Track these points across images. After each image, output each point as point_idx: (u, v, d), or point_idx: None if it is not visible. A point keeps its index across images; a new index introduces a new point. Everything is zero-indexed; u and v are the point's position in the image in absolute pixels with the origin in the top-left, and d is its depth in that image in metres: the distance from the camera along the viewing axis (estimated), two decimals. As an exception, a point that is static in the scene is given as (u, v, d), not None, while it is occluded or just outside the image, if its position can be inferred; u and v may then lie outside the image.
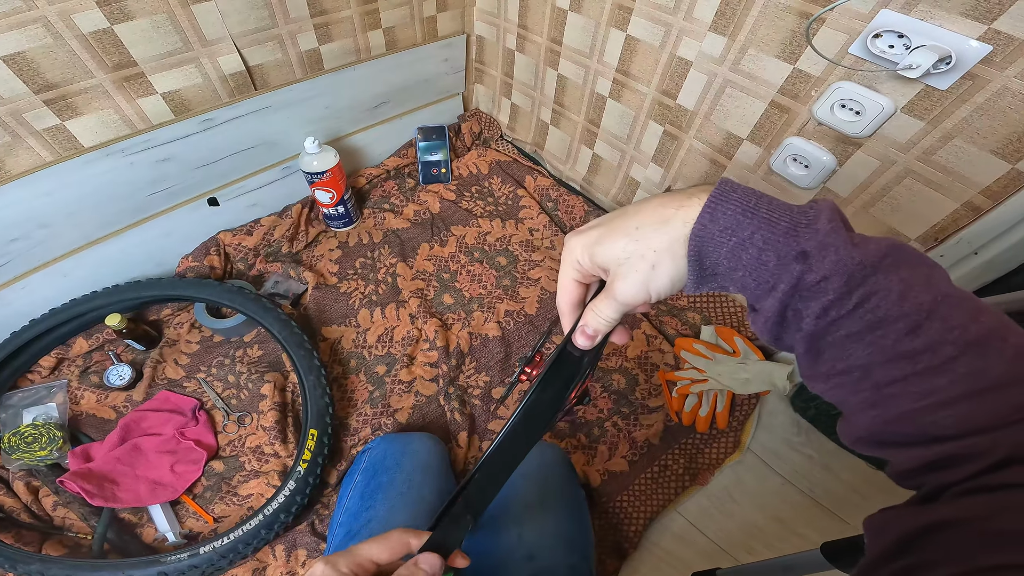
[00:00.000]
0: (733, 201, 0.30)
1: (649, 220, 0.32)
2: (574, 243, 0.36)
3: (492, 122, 1.49)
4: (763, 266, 0.29)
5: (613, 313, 0.35)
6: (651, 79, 1.01)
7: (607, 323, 0.36)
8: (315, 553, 0.85)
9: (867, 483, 1.00)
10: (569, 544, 0.71)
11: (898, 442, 0.30)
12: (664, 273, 0.32)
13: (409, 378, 1.06)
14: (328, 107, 1.19)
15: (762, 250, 0.29)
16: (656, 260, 0.32)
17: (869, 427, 0.30)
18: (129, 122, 0.94)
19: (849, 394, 0.31)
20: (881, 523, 0.30)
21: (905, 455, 0.30)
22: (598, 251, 0.34)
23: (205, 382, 1.03)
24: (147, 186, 1.03)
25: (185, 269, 1.13)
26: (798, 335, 0.30)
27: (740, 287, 0.31)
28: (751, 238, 0.29)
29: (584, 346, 0.37)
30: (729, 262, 0.30)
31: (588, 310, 0.36)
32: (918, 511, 0.28)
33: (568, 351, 0.38)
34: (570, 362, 0.38)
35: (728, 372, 1.03)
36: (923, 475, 0.29)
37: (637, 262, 0.32)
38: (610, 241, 0.34)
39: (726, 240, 0.30)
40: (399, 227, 1.30)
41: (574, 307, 0.39)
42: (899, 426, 0.29)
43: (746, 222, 0.29)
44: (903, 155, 0.74)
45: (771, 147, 0.89)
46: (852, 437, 0.32)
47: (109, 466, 0.89)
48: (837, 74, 0.74)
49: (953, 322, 0.27)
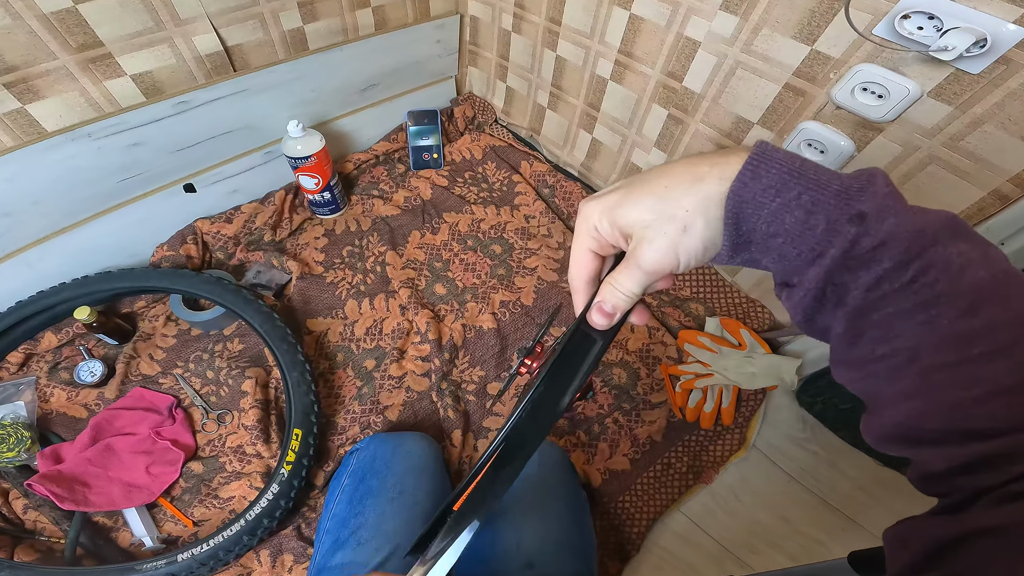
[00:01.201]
0: (777, 160, 0.27)
1: (679, 178, 0.29)
2: (591, 208, 0.32)
3: (486, 106, 1.44)
4: (809, 231, 0.26)
5: (635, 285, 0.31)
6: (656, 60, 0.97)
7: (627, 298, 0.32)
8: (302, 559, 0.81)
9: (874, 481, 0.97)
10: (571, 550, 0.68)
11: (932, 440, 0.26)
12: (696, 236, 0.29)
13: (400, 373, 1.01)
14: (314, 90, 1.13)
15: (810, 212, 0.26)
16: (688, 221, 0.28)
17: (903, 421, 0.27)
18: (96, 105, 0.89)
19: (885, 383, 0.27)
20: (905, 534, 0.27)
21: (937, 455, 0.26)
22: (620, 213, 0.31)
23: (182, 378, 0.97)
24: (117, 172, 0.97)
25: (160, 259, 1.07)
26: (839, 311, 0.27)
27: (777, 257, 0.28)
28: (798, 199, 0.26)
29: (601, 325, 0.33)
30: (769, 227, 0.27)
31: (605, 284, 0.32)
32: (949, 520, 0.25)
33: (582, 331, 0.33)
34: (584, 344, 0.33)
35: (734, 366, 0.98)
36: (953, 479, 0.26)
37: (665, 224, 0.29)
38: (634, 202, 0.30)
39: (768, 201, 0.26)
40: (389, 214, 1.24)
41: (589, 282, 0.35)
42: (937, 420, 0.26)
43: (792, 182, 0.26)
44: (928, 141, 0.71)
45: (784, 132, 0.85)
46: (878, 434, 0.29)
47: (80, 468, 0.84)
48: (859, 56, 0.70)
49: (1013, 303, 0.24)
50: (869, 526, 0.92)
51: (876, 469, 0.98)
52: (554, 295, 1.13)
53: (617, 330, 0.33)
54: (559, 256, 1.19)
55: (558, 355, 0.33)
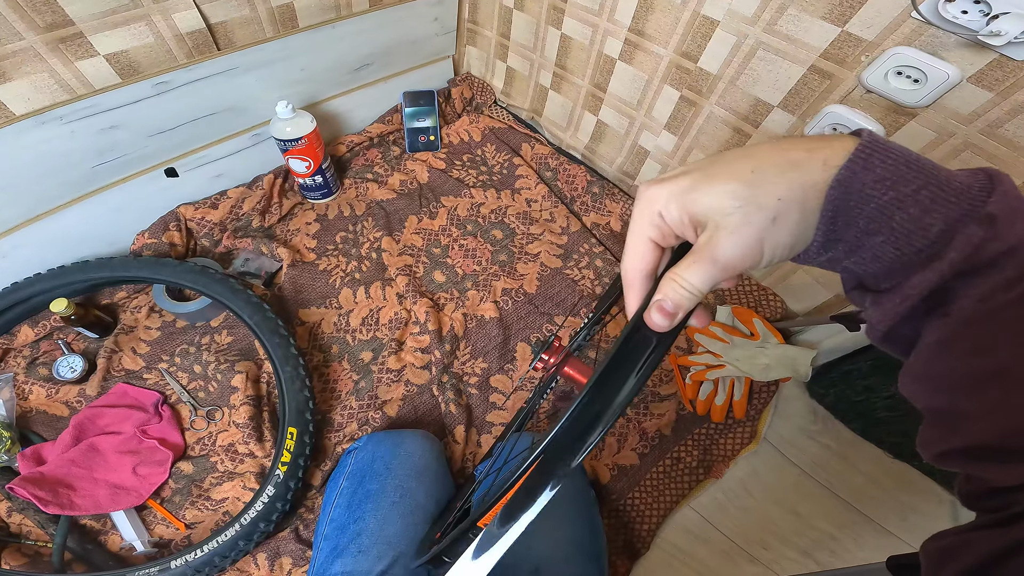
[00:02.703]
0: (893, 150, 0.24)
1: (770, 162, 0.25)
2: (656, 192, 0.28)
3: (485, 87, 1.37)
4: (922, 231, 0.24)
5: (704, 282, 0.27)
6: (669, 40, 0.91)
7: (693, 296, 0.27)
8: (301, 562, 0.78)
9: (886, 474, 0.94)
10: (581, 552, 0.66)
11: (1004, 457, 0.25)
12: (787, 228, 0.25)
13: (398, 366, 0.96)
14: (304, 69, 1.07)
15: (927, 211, 0.23)
16: (780, 211, 0.25)
17: (981, 438, 0.25)
18: (67, 87, 0.82)
19: (966, 398, 0.26)
20: (951, 548, 0.26)
21: (1008, 472, 0.24)
22: (695, 199, 0.27)
23: (168, 373, 0.92)
24: (92, 156, 0.91)
25: (141, 247, 1.01)
26: (938, 321, 0.26)
27: (871, 257, 0.26)
28: (915, 195, 0.23)
29: (661, 326, 0.28)
30: (871, 223, 0.24)
31: (667, 280, 0.28)
32: (1000, 533, 0.24)
33: (641, 334, 0.29)
34: (639, 348, 0.29)
35: (746, 357, 0.95)
36: (1017, 494, 0.24)
37: (753, 213, 0.25)
38: (714, 186, 0.26)
39: (879, 194, 0.24)
40: (384, 198, 1.19)
41: (648, 276, 0.31)
42: (1016, 437, 0.24)
43: (911, 175, 0.24)
44: (964, 127, 0.67)
45: (807, 115, 0.80)
46: (943, 450, 0.27)
47: (63, 469, 0.80)
48: (895, 39, 0.66)
49: None
50: (880, 520, 0.90)
51: (887, 462, 0.96)
52: (558, 283, 1.09)
53: (677, 334, 0.29)
54: (562, 241, 1.14)
55: (609, 360, 0.28)
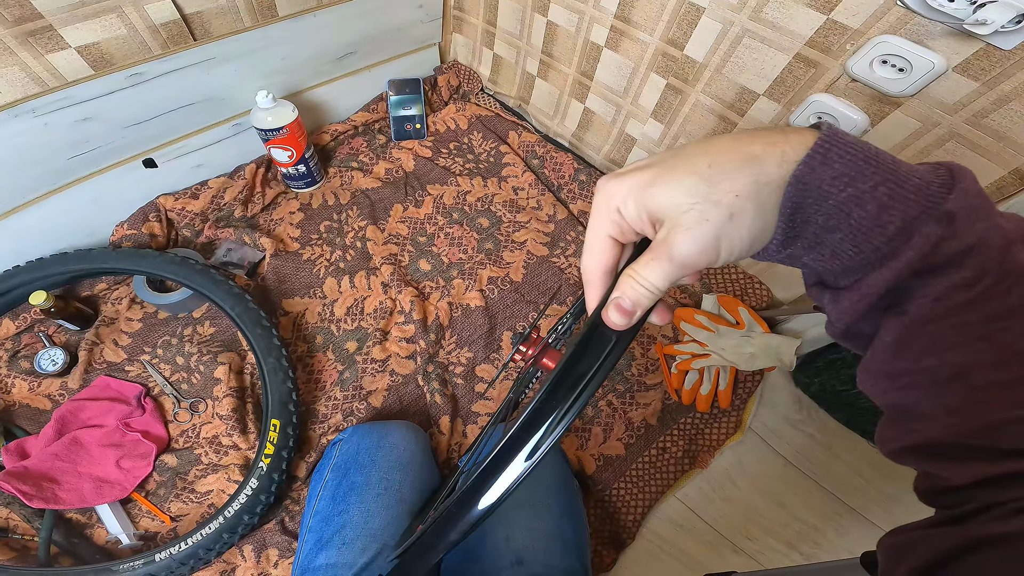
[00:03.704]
0: (851, 145, 0.23)
1: (727, 157, 0.25)
2: (614, 187, 0.28)
3: (472, 74, 1.35)
4: (879, 228, 0.23)
5: (662, 280, 0.26)
6: (655, 27, 0.90)
7: (651, 294, 0.27)
8: (287, 553, 0.78)
9: (868, 464, 0.96)
10: (564, 544, 0.66)
11: (961, 456, 0.25)
12: (744, 225, 0.25)
13: (383, 356, 0.96)
14: (284, 58, 1.04)
15: (885, 207, 0.23)
16: (736, 208, 0.24)
17: (938, 437, 0.25)
18: (39, 80, 0.80)
19: (925, 397, 0.26)
20: (907, 544, 0.26)
21: (963, 470, 0.25)
22: (652, 195, 0.26)
23: (150, 365, 0.91)
24: (67, 148, 0.89)
25: (121, 238, 0.99)
26: (894, 319, 0.25)
27: (829, 255, 0.25)
28: (873, 191, 0.23)
29: (619, 325, 0.28)
30: (829, 220, 0.24)
31: (625, 277, 0.27)
32: (953, 530, 0.24)
33: (598, 333, 0.28)
34: (597, 346, 0.28)
35: (732, 346, 0.95)
36: (971, 492, 0.25)
37: (710, 209, 0.24)
38: (671, 181, 0.26)
39: (836, 191, 0.23)
40: (369, 187, 1.17)
41: (607, 273, 0.30)
42: (976, 437, 0.24)
43: (869, 171, 0.23)
44: (949, 117, 0.66)
45: (792, 104, 0.79)
46: (901, 446, 0.27)
47: (47, 463, 0.79)
48: (880, 27, 0.65)
49: None
50: (862, 511, 0.92)
51: (870, 452, 0.97)
52: (545, 271, 1.08)
53: (636, 331, 0.28)
54: (549, 229, 1.13)
55: (565, 360, 0.28)
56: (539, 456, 0.28)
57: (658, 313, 0.29)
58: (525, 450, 0.28)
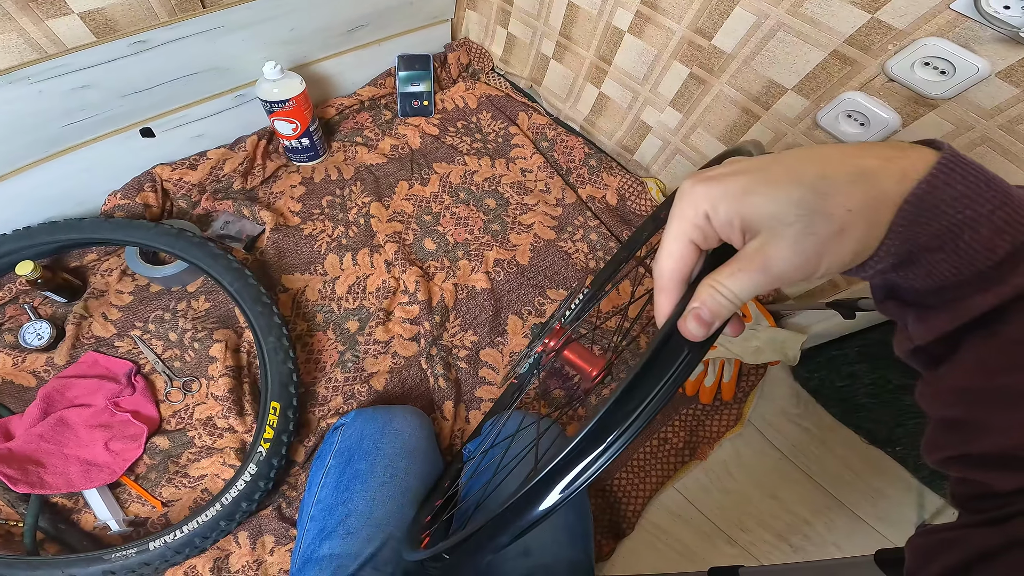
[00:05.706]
0: (972, 167, 0.22)
1: (838, 168, 0.23)
2: (704, 191, 0.26)
3: (483, 53, 1.30)
4: (988, 252, 0.22)
5: (748, 291, 0.25)
6: (684, 14, 0.87)
7: (732, 306, 0.26)
8: (284, 540, 0.76)
9: (860, 459, 0.98)
10: (569, 535, 0.65)
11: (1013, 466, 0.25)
12: (852, 241, 0.24)
13: (386, 337, 0.94)
14: (293, 29, 0.99)
15: (999, 232, 0.22)
16: (848, 223, 0.23)
17: (996, 450, 0.25)
18: (37, 46, 0.75)
19: (993, 412, 0.25)
20: (939, 544, 0.26)
21: (1012, 479, 0.24)
22: (751, 203, 0.24)
23: (141, 341, 0.88)
24: (62, 116, 0.84)
25: (113, 208, 0.94)
26: (980, 341, 0.25)
27: (924, 273, 0.24)
28: (991, 215, 0.22)
29: (696, 336, 0.26)
30: (934, 240, 0.23)
31: (706, 287, 0.26)
32: (990, 531, 0.24)
33: (672, 343, 0.27)
34: (669, 357, 0.27)
35: (738, 339, 0.95)
36: (1014, 497, 0.24)
37: (819, 223, 0.23)
38: (775, 191, 0.24)
39: (953, 212, 0.22)
40: (374, 162, 1.13)
41: (683, 281, 0.28)
42: None
43: (989, 194, 0.22)
44: (984, 121, 0.65)
45: (821, 100, 0.78)
46: (952, 454, 0.27)
47: (32, 445, 0.76)
48: (927, 29, 0.63)
49: None
50: (852, 505, 0.94)
51: (862, 447, 0.99)
52: (552, 255, 1.06)
53: (709, 345, 0.27)
54: (557, 213, 1.11)
55: (637, 371, 0.27)
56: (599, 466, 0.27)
57: (732, 326, 0.28)
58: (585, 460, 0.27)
